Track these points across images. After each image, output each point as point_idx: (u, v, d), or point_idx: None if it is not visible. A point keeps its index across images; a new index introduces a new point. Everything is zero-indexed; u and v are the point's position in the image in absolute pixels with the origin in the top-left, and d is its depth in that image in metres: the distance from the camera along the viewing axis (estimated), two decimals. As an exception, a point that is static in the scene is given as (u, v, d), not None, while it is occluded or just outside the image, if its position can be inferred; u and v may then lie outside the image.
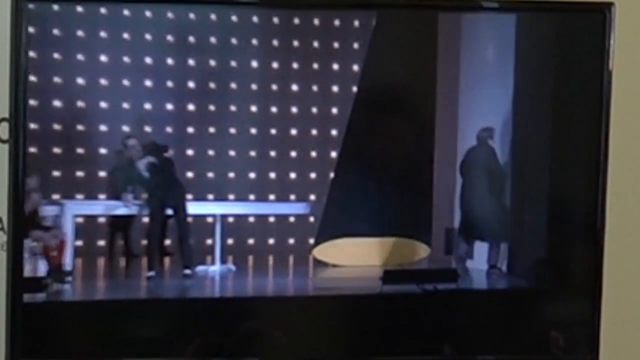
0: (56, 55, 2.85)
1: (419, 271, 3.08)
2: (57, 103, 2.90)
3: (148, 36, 3.00)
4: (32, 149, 2.88)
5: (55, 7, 2.73)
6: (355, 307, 2.90)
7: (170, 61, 3.05)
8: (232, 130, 3.19)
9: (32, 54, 2.78)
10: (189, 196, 3.08)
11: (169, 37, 3.01)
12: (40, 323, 2.66)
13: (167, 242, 3.12)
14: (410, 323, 2.85)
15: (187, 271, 3.10)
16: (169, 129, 3.08)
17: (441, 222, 3.21)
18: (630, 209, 2.97)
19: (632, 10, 2.80)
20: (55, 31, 2.86)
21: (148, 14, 2.92)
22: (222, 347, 2.76)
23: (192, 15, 3.01)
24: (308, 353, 2.82)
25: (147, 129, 3.01)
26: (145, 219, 3.07)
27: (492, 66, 3.14)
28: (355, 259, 3.26)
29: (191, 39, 3.04)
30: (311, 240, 3.25)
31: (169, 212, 3.09)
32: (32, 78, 2.79)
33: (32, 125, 2.86)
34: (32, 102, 2.83)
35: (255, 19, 2.99)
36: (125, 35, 2.96)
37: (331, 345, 2.87)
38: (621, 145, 2.77)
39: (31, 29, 2.74)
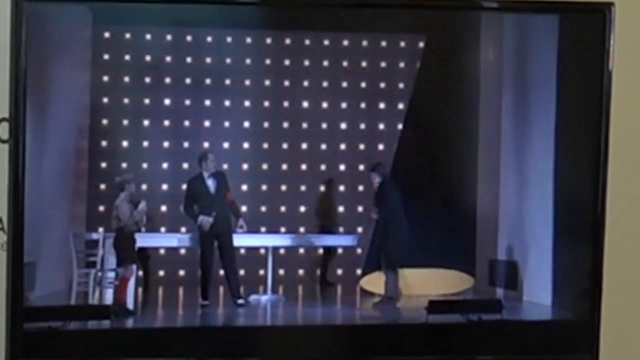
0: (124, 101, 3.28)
1: (463, 301, 3.27)
2: (125, 144, 3.28)
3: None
4: (102, 186, 3.28)
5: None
6: (401, 336, 3.05)
7: (227, 103, 3.40)
8: (284, 167, 3.51)
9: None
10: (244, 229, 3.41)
11: (247, 82, 3.38)
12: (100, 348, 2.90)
13: (222, 272, 3.42)
14: (455, 352, 2.99)
15: (240, 301, 3.37)
16: (225, 166, 3.41)
17: (485, 253, 3.45)
18: (630, 208, 2.94)
19: (632, 10, 2.85)
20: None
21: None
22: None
23: (250, 61, 3.37)
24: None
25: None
26: (199, 251, 3.37)
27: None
28: (401, 289, 3.49)
29: (247, 82, 3.39)
30: (358, 271, 3.52)
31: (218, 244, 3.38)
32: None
33: (103, 165, 3.28)
34: (103, 143, 3.23)
35: (306, 62, 3.31)
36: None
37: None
38: (621, 145, 2.79)
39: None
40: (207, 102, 3.41)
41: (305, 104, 3.45)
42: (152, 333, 3.05)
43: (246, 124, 3.44)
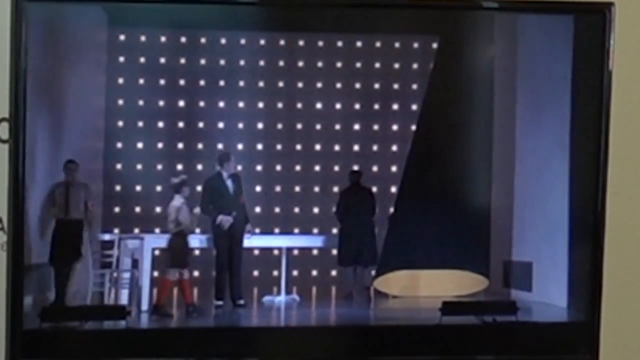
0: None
1: (477, 303, 3.29)
2: (140, 145, 3.34)
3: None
4: (118, 187, 3.34)
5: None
6: (415, 337, 3.06)
7: (241, 104, 3.46)
8: (297, 168, 3.56)
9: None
10: (257, 230, 3.46)
11: (261, 84, 3.43)
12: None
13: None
14: (470, 354, 3.01)
15: (241, 301, 3.40)
16: (238, 167, 3.46)
17: (499, 254, 3.48)
18: (630, 208, 2.98)
19: (632, 10, 2.88)
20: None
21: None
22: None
23: (264, 62, 3.42)
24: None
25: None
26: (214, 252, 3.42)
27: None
28: (414, 290, 3.53)
29: (261, 84, 3.44)
30: (372, 272, 3.55)
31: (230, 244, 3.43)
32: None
33: (118, 166, 3.34)
34: (119, 145, 3.29)
35: (320, 64, 3.35)
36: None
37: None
38: (621, 145, 2.83)
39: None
40: (221, 104, 3.46)
41: (318, 105, 3.49)
42: (161, 334, 3.09)
43: (260, 126, 3.49)
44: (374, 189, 3.59)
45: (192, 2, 2.79)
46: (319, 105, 3.48)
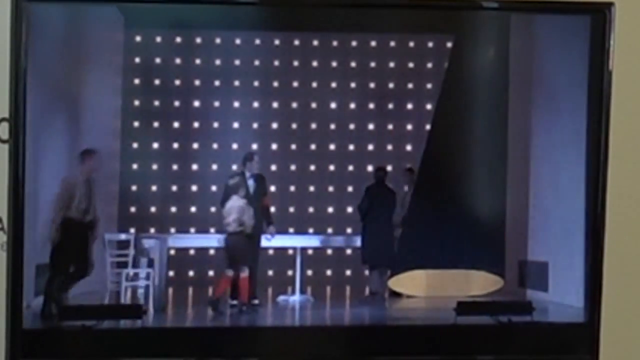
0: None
1: (492, 303, 3.27)
2: (155, 145, 3.38)
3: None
4: (134, 187, 3.38)
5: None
6: (430, 337, 3.06)
7: (255, 105, 3.49)
8: (312, 168, 3.58)
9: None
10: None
11: (275, 84, 3.47)
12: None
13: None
14: (484, 354, 3.02)
15: (256, 301, 3.43)
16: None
17: (514, 254, 3.49)
18: (630, 208, 2.98)
19: (632, 10, 2.90)
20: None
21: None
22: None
23: (278, 63, 3.45)
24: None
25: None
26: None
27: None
28: (429, 290, 3.54)
29: (275, 84, 3.47)
30: (388, 272, 3.57)
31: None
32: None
33: (134, 166, 3.38)
34: (134, 145, 3.32)
35: (334, 63, 3.38)
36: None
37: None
38: (621, 145, 2.85)
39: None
40: (236, 104, 3.49)
41: (333, 105, 3.51)
42: (176, 333, 3.11)
43: (274, 125, 3.52)
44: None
45: (207, 3, 2.82)
46: (333, 105, 3.50)
